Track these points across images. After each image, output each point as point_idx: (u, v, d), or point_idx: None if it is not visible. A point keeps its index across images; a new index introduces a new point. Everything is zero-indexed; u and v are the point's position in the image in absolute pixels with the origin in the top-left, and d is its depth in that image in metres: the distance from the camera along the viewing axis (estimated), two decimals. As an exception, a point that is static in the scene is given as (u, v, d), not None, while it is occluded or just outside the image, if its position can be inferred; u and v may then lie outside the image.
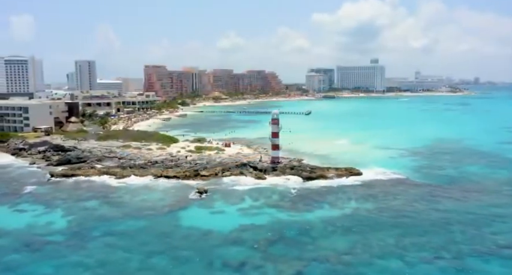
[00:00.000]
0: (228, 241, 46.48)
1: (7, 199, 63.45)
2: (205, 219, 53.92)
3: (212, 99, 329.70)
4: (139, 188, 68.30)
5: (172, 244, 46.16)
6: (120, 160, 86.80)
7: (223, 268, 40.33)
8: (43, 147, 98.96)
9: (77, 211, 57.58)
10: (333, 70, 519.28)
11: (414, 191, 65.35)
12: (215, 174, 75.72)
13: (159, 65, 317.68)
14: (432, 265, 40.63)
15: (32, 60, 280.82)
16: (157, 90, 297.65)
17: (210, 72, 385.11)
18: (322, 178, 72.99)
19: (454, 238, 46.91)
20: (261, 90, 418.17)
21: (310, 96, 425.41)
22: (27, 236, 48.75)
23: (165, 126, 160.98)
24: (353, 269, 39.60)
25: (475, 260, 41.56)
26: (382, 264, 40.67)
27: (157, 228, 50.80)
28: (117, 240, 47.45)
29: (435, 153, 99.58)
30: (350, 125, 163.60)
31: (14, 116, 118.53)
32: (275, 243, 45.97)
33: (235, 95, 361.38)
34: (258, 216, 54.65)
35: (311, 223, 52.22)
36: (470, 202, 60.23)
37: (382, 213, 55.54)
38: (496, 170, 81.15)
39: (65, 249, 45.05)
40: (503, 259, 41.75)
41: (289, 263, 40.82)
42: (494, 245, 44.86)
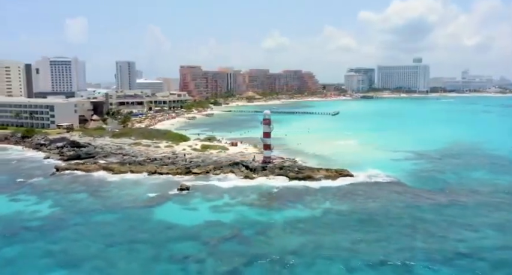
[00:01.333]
0: (185, 236, 48.39)
1: (10, 188, 69.41)
2: (175, 214, 56.19)
3: (245, 99, 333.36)
4: (129, 183, 71.94)
5: (133, 236, 48.76)
6: (124, 156, 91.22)
7: (167, 260, 42.31)
8: (61, 143, 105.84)
9: (64, 202, 62.01)
10: (373, 70, 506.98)
11: (397, 195, 63.79)
12: (206, 172, 77.96)
13: (194, 66, 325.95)
14: (374, 270, 40.13)
15: (75, 61, 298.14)
16: (191, 90, 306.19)
17: (245, 72, 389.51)
18: (309, 178, 72.98)
19: (414, 244, 45.68)
20: (297, 90, 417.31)
21: (347, 97, 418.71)
22: (10, 222, 53.56)
23: (188, 125, 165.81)
24: (288, 270, 40.10)
25: (423, 268, 40.38)
26: (322, 267, 40.75)
27: (127, 221, 53.76)
28: (86, 230, 50.86)
29: (444, 156, 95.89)
30: (371, 125, 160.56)
31: (42, 114, 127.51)
32: (228, 240, 47.27)
33: (269, 95, 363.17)
34: (227, 213, 56.12)
35: (274, 222, 52.98)
36: (451, 208, 58.03)
37: (351, 215, 55.06)
38: (500, 176, 77.03)
39: (37, 235, 49.14)
40: (453, 268, 40.30)
41: (230, 259, 42.04)
42: (452, 253, 43.22)
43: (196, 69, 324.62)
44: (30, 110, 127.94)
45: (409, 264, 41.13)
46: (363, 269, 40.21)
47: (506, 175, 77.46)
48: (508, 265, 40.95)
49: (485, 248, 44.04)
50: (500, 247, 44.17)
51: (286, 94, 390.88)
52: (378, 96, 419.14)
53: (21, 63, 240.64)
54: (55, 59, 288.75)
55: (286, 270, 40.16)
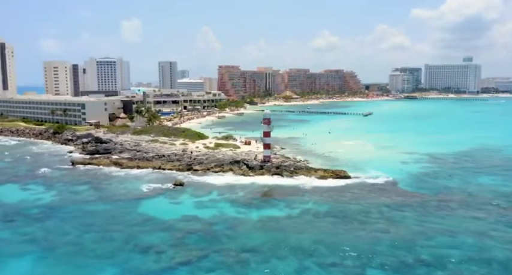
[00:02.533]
0: (158, 228, 51.03)
1: (25, 178, 76.18)
2: (159, 208, 59.09)
3: (282, 99, 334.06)
4: (131, 178, 76.08)
5: (112, 225, 52.23)
6: (137, 152, 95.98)
7: (131, 248, 45.09)
8: (87, 139, 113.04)
9: (66, 193, 67.09)
10: (420, 69, 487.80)
11: (385, 198, 62.49)
12: (207, 169, 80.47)
13: (232, 66, 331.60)
14: (323, 271, 40.27)
15: (120, 61, 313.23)
16: (228, 89, 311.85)
17: (284, 72, 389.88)
18: (302, 178, 73.34)
19: (377, 248, 44.73)
20: (337, 90, 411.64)
21: (390, 97, 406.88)
22: (11, 209, 59.13)
23: (214, 124, 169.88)
24: (240, 265, 41.32)
25: (375, 272, 40.09)
26: (275, 265, 41.47)
27: (112, 212, 57.48)
28: (73, 218, 55.13)
29: (460, 160, 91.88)
30: (398, 127, 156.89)
31: (75, 111, 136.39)
32: (196, 233, 49.27)
33: (307, 95, 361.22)
34: (207, 209, 58.17)
35: (248, 219, 54.23)
36: (436, 213, 56.06)
37: (327, 216, 55.01)
38: (509, 182, 72.93)
39: (29, 221, 54.08)
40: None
41: (188, 251, 44.06)
42: (413, 259, 42.05)
43: (234, 69, 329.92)
44: (64, 108, 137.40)
45: (361, 267, 40.75)
46: (312, 270, 40.47)
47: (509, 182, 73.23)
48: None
49: (451, 258, 42.22)
50: (468, 259, 42.08)
51: (326, 94, 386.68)
52: (423, 97, 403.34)
53: (68, 63, 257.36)
54: (101, 60, 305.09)
55: (238, 265, 41.43)
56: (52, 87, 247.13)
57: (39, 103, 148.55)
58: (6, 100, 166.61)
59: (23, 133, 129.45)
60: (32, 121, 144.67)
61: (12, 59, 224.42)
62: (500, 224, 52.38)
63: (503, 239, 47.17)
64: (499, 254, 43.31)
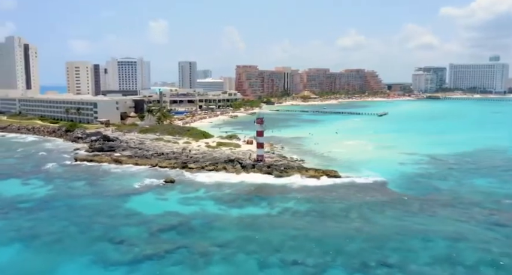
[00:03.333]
0: (137, 222, 53.06)
1: (28, 173, 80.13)
2: (145, 203, 61.18)
3: (300, 99, 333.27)
4: (127, 174, 78.76)
5: (95, 219, 54.59)
6: (139, 150, 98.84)
7: (107, 240, 47.28)
8: (95, 137, 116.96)
9: (62, 187, 70.29)
10: (444, 69, 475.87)
11: (369, 198, 62.35)
12: (201, 167, 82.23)
13: (249, 65, 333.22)
14: (283, 269, 40.89)
15: (141, 61, 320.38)
16: (245, 89, 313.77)
17: (303, 71, 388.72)
18: (292, 177, 74.01)
19: (344, 247, 45.03)
20: (358, 90, 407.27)
21: (412, 97, 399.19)
22: (7, 202, 62.54)
23: (225, 123, 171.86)
24: (204, 259, 42.65)
25: (335, 271, 40.51)
26: (239, 260, 42.58)
27: (101, 206, 60.01)
28: (61, 211, 58.06)
29: (461, 161, 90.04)
30: (408, 127, 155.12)
31: (87, 110, 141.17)
32: (172, 229, 50.93)
33: (325, 95, 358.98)
34: (190, 206, 59.83)
35: (226, 216, 55.45)
36: (416, 215, 55.60)
37: (305, 216, 55.52)
38: (504, 185, 71.28)
39: (20, 214, 57.31)
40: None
41: (160, 245, 45.72)
42: (377, 260, 42.03)
43: (252, 69, 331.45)
44: (78, 107, 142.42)
45: (320, 266, 41.01)
46: (273, 266, 41.30)
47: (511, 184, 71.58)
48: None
49: (416, 260, 42.06)
50: (433, 262, 41.65)
51: (346, 94, 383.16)
52: (446, 97, 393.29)
53: (89, 63, 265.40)
54: (122, 60, 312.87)
55: (202, 259, 42.82)
56: (74, 86, 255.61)
57: (55, 102, 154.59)
58: (27, 99, 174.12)
59: (38, 131, 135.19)
60: (48, 119, 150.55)
61: (35, 60, 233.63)
62: (480, 227, 51.58)
63: (477, 242, 46.37)
64: (467, 258, 42.66)
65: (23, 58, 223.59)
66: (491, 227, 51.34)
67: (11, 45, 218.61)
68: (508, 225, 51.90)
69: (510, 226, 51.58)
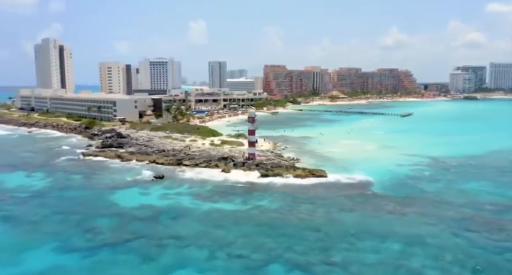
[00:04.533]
0: (113, 213, 56.49)
1: (34, 167, 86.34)
2: (127, 196, 64.58)
3: (328, 99, 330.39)
4: (124, 169, 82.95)
5: (75, 208, 58.69)
6: (145, 147, 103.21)
7: (77, 229, 50.91)
8: (110, 134, 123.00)
9: (61, 180, 75.36)
10: (484, 68, 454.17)
11: (344, 199, 62.14)
12: (195, 164, 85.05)
13: (277, 65, 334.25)
14: (228, 260, 42.64)
15: (171, 61, 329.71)
16: (272, 88, 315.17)
17: (334, 71, 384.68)
18: (278, 176, 75.25)
19: (295, 246, 45.70)
20: (391, 90, 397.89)
21: (448, 97, 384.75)
22: (6, 191, 68.21)
23: (242, 122, 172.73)
24: (158, 249, 45.05)
25: (275, 267, 41.48)
26: (189, 251, 44.61)
27: (86, 198, 64.21)
28: (49, 202, 62.64)
29: (462, 164, 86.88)
30: (425, 128, 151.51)
31: (107, 108, 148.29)
32: (141, 220, 53.78)
33: (355, 95, 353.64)
34: (167, 200, 62.56)
35: (197, 211, 57.59)
36: (385, 217, 55.20)
37: (272, 213, 56.53)
38: (498, 189, 68.73)
39: (14, 202, 62.53)
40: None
41: (121, 235, 48.75)
42: (321, 259, 42.45)
43: (280, 68, 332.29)
44: (99, 105, 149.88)
45: (262, 263, 41.96)
46: (219, 259, 42.99)
47: (505, 188, 69.06)
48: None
49: (361, 262, 42.02)
50: (376, 264, 41.53)
51: (377, 94, 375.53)
52: (485, 98, 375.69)
53: (121, 64, 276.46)
54: (154, 60, 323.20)
55: (155, 249, 45.28)
56: (106, 86, 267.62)
57: (79, 101, 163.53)
58: (56, 98, 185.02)
59: (62, 128, 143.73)
60: (74, 117, 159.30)
61: (70, 60, 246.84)
62: (446, 231, 50.25)
63: (433, 247, 45.39)
64: (414, 262, 41.97)
65: (58, 59, 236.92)
66: (457, 232, 50.03)
67: (47, 46, 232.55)
68: (476, 231, 50.37)
69: (478, 232, 50.03)
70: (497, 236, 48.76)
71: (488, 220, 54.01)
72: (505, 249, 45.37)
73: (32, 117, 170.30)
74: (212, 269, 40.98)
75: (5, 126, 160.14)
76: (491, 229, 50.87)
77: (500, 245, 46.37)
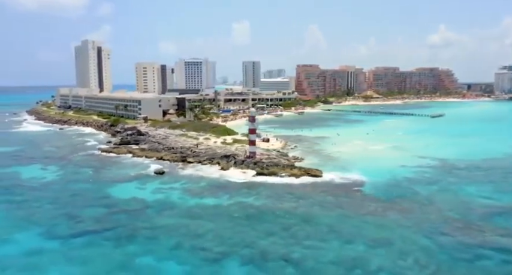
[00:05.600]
0: (102, 205, 60.39)
1: (52, 160, 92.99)
2: (123, 190, 68.40)
3: (362, 99, 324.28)
4: (131, 165, 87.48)
5: (71, 199, 63.35)
6: (158, 144, 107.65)
7: (64, 217, 55.07)
8: (131, 131, 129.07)
9: (69, 174, 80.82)
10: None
11: (329, 198, 62.29)
12: (198, 162, 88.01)
13: (310, 65, 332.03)
14: (189, 251, 44.90)
15: (206, 61, 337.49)
16: (304, 88, 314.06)
17: (369, 70, 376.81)
18: (273, 174, 76.41)
19: (256, 241, 47.13)
20: (431, 90, 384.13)
21: (492, 98, 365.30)
22: (17, 181, 74.70)
23: (264, 122, 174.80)
24: (129, 239, 48.07)
25: (229, 261, 43.13)
26: (157, 242, 47.14)
27: (85, 190, 68.78)
28: (51, 192, 67.70)
29: (470, 167, 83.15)
30: (451, 129, 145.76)
31: (133, 107, 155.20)
32: (124, 212, 57.12)
33: (390, 95, 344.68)
34: (158, 194, 65.70)
35: (182, 205, 60.19)
36: (360, 217, 54.63)
37: (251, 209, 57.97)
38: (495, 195, 65.83)
39: (19, 191, 68.23)
40: (262, 270, 41.31)
41: (102, 224, 52.31)
42: (278, 255, 43.33)
43: (313, 68, 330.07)
44: (125, 104, 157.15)
45: (221, 255, 43.65)
46: (181, 249, 45.22)
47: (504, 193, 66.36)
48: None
49: (319, 260, 42.56)
50: (334, 262, 42.05)
51: (415, 94, 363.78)
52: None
53: (156, 64, 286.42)
54: (189, 61, 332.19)
55: (128, 237, 48.25)
56: (141, 85, 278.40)
57: (109, 99, 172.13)
58: (90, 96, 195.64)
59: (90, 125, 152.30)
60: (104, 115, 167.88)
61: (108, 61, 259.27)
62: (419, 234, 48.85)
63: (398, 250, 44.77)
64: (372, 264, 41.68)
65: (96, 59, 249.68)
66: (431, 235, 48.67)
67: (86, 48, 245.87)
68: (451, 235, 48.78)
69: (453, 236, 48.33)
70: (471, 241, 47.33)
71: (470, 225, 52.35)
72: (473, 255, 44.04)
73: (66, 114, 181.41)
74: (171, 258, 43.30)
75: (42, 122, 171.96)
76: (469, 233, 49.40)
77: (471, 250, 45.03)
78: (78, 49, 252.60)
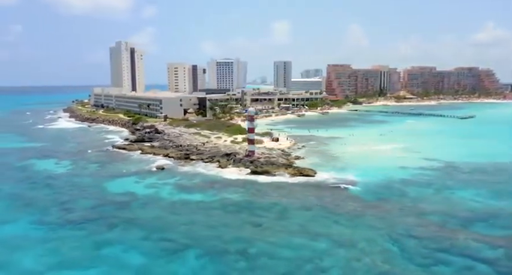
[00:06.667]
0: (95, 197, 64.37)
1: (68, 155, 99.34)
2: (119, 184, 72.26)
3: (394, 99, 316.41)
4: (137, 161, 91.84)
5: (70, 192, 67.94)
6: (169, 142, 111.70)
7: (58, 207, 59.50)
8: (149, 129, 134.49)
9: (79, 168, 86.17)
10: None
11: (311, 198, 62.58)
12: (201, 159, 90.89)
13: (341, 64, 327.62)
14: (155, 241, 47.51)
15: (237, 62, 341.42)
16: (334, 88, 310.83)
17: (404, 70, 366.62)
18: (266, 173, 77.76)
19: (221, 235, 48.81)
20: (470, 90, 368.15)
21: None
22: (30, 174, 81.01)
23: (284, 122, 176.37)
24: (109, 227, 51.44)
25: (187, 253, 45.37)
26: (129, 232, 50.12)
27: (86, 183, 73.25)
28: (56, 184, 72.75)
29: (474, 171, 79.81)
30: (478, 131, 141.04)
31: (155, 106, 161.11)
32: (112, 205, 60.74)
33: (426, 95, 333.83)
34: (150, 189, 68.96)
35: (169, 199, 63.13)
36: (334, 217, 54.79)
37: (230, 206, 59.60)
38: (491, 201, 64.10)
39: (29, 182, 74.22)
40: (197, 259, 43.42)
41: (86, 214, 56.23)
42: (237, 250, 44.91)
43: (343, 67, 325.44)
44: (148, 103, 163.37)
45: (183, 247, 45.90)
46: (148, 240, 47.90)
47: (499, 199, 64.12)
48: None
49: (275, 255, 43.70)
50: (290, 258, 43.02)
51: (453, 94, 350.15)
52: None
53: (187, 64, 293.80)
54: (220, 61, 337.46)
55: (106, 227, 51.64)
56: (173, 85, 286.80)
57: (134, 99, 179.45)
58: (119, 96, 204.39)
59: (115, 123, 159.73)
60: (130, 113, 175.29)
61: (140, 61, 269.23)
62: (386, 237, 48.21)
63: (359, 251, 44.81)
64: (326, 263, 42.43)
65: (129, 60, 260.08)
66: (399, 238, 47.77)
67: (119, 49, 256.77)
68: (421, 238, 47.92)
69: (420, 239, 47.62)
70: (438, 246, 46.18)
71: (446, 229, 51.19)
72: (434, 260, 42.88)
73: (96, 113, 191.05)
74: (136, 248, 45.97)
75: (73, 120, 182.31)
76: (439, 238, 48.16)
77: (433, 255, 43.89)
78: (113, 50, 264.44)
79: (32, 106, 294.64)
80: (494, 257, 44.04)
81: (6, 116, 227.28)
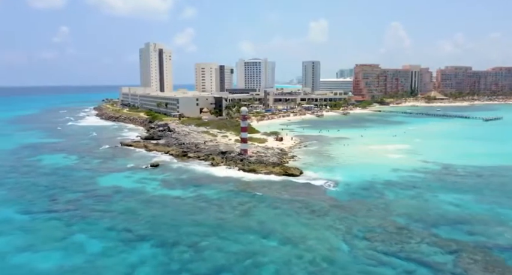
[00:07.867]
0: (83, 190, 68.84)
1: (77, 151, 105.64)
2: (111, 178, 76.60)
3: (424, 100, 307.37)
4: (137, 157, 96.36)
5: (63, 184, 72.77)
6: (175, 139, 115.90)
7: (46, 198, 64.17)
8: (162, 127, 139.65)
9: (82, 162, 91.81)
10: None
11: (285, 197, 63.53)
12: (197, 156, 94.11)
13: (370, 64, 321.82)
14: (129, 230, 50.87)
15: (265, 62, 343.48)
16: (361, 88, 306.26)
17: (437, 70, 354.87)
18: (252, 171, 79.65)
19: (173, 227, 51.24)
20: (508, 91, 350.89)
21: None
22: (38, 167, 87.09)
23: (300, 122, 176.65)
24: (85, 218, 55.33)
25: (146, 242, 48.18)
26: (105, 223, 53.67)
27: (81, 177, 78.12)
28: (53, 177, 78.38)
29: (469, 175, 77.26)
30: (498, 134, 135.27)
31: (172, 105, 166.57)
32: (96, 196, 64.96)
33: (459, 96, 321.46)
34: (137, 184, 72.58)
35: (150, 194, 66.33)
36: (297, 216, 55.74)
37: (205, 202, 61.90)
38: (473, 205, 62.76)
39: (34, 174, 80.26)
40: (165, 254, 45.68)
41: (70, 205, 60.42)
42: (189, 242, 47.21)
43: (372, 67, 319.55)
44: (166, 102, 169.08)
45: (143, 237, 48.82)
46: (112, 232, 50.87)
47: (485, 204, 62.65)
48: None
49: (225, 250, 45.14)
50: (236, 253, 44.54)
51: (489, 95, 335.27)
52: None
53: (214, 64, 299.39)
54: (248, 61, 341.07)
55: (85, 218, 55.31)
56: (200, 85, 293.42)
57: (154, 98, 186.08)
58: (144, 95, 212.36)
59: (135, 121, 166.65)
60: (151, 112, 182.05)
61: (169, 62, 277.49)
62: (340, 238, 48.52)
63: (302, 250, 45.48)
64: (266, 258, 43.40)
65: (158, 61, 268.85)
66: (351, 239, 47.85)
67: (147, 50, 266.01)
68: (373, 240, 47.58)
69: (373, 242, 47.20)
70: (388, 248, 45.58)
71: (406, 232, 50.31)
72: (379, 263, 42.39)
73: (120, 111, 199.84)
74: (98, 237, 49.28)
75: (98, 118, 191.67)
76: (394, 241, 47.74)
77: (380, 258, 43.40)
78: (142, 51, 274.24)
79: (71, 104, 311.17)
80: (441, 262, 43.37)
81: (42, 113, 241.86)
